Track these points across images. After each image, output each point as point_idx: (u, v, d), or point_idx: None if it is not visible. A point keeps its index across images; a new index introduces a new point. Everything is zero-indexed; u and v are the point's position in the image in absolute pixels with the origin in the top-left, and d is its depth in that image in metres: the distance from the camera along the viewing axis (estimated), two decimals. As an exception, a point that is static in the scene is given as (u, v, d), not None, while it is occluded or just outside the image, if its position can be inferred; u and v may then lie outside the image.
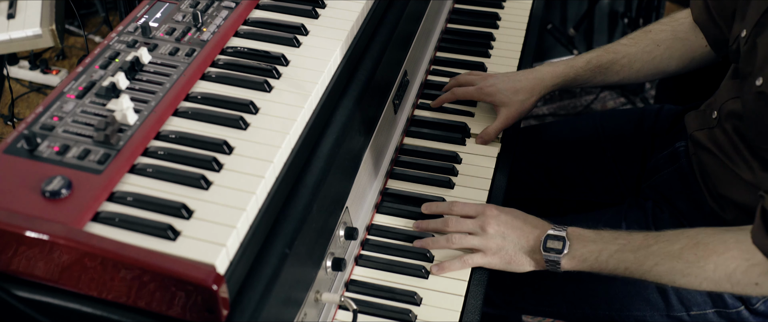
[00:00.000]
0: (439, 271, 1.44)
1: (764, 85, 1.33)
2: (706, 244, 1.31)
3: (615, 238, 1.39)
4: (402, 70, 1.64)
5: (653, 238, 1.36)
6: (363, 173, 1.46)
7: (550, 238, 1.41)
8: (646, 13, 2.99)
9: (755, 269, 1.28)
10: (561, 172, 1.84)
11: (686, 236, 1.34)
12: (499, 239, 1.44)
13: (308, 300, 1.25)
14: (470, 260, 1.44)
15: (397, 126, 1.66)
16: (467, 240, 1.45)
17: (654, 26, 1.71)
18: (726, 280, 1.30)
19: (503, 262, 1.44)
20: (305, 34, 1.42)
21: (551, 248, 1.40)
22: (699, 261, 1.31)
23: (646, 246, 1.36)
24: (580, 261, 1.40)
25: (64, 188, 1.06)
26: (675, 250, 1.33)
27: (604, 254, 1.38)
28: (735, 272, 1.29)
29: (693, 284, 1.33)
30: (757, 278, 1.29)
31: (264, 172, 1.16)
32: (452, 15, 1.99)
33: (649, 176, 1.70)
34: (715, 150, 1.51)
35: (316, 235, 1.26)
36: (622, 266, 1.37)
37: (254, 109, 1.26)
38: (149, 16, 1.38)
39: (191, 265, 1.02)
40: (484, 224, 1.45)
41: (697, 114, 1.62)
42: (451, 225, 1.47)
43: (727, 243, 1.30)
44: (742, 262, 1.29)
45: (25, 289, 1.08)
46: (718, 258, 1.30)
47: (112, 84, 1.22)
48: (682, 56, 1.67)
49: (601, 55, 1.69)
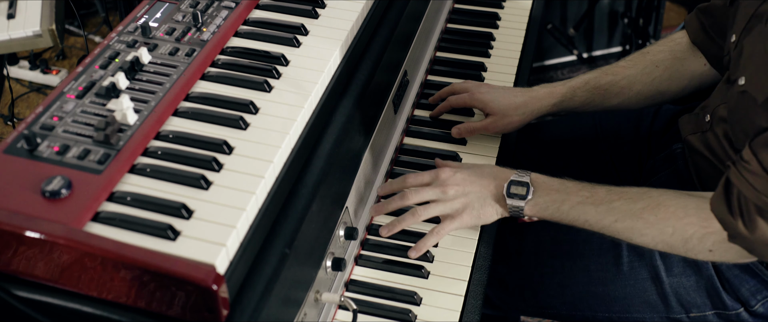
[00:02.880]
0: (416, 252, 1.44)
1: (746, 84, 1.33)
2: (668, 206, 1.34)
3: (578, 189, 1.40)
4: (402, 70, 1.64)
5: (616, 194, 1.38)
6: (363, 173, 1.46)
7: (514, 183, 1.42)
8: (646, 13, 2.99)
9: (711, 236, 1.31)
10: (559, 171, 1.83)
11: (649, 196, 1.36)
12: (462, 198, 1.43)
13: (308, 300, 1.25)
14: (442, 230, 1.44)
15: (397, 126, 1.66)
16: (432, 209, 1.44)
17: (651, 48, 1.70)
18: (681, 244, 1.34)
19: (473, 218, 1.44)
20: (305, 34, 1.42)
21: (515, 194, 1.41)
22: (658, 223, 1.34)
23: (609, 201, 1.37)
24: (541, 209, 1.41)
25: (64, 188, 1.06)
26: (636, 209, 1.35)
27: (566, 205, 1.39)
28: (692, 237, 1.32)
29: (648, 243, 1.37)
30: (712, 245, 1.32)
31: (264, 172, 1.16)
32: (452, 15, 1.99)
33: (647, 178, 1.70)
34: (709, 154, 1.51)
35: (316, 235, 1.26)
36: (582, 217, 1.39)
37: (254, 109, 1.26)
38: (149, 16, 1.38)
39: (191, 265, 1.02)
40: (443, 188, 1.44)
41: (690, 117, 1.61)
42: (412, 198, 1.45)
43: (687, 208, 1.33)
44: (699, 229, 1.31)
45: (25, 289, 1.08)
46: (677, 222, 1.33)
47: (112, 84, 1.22)
48: (681, 77, 1.66)
49: (600, 76, 1.67)
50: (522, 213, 1.42)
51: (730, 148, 1.44)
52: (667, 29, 3.20)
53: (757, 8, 1.37)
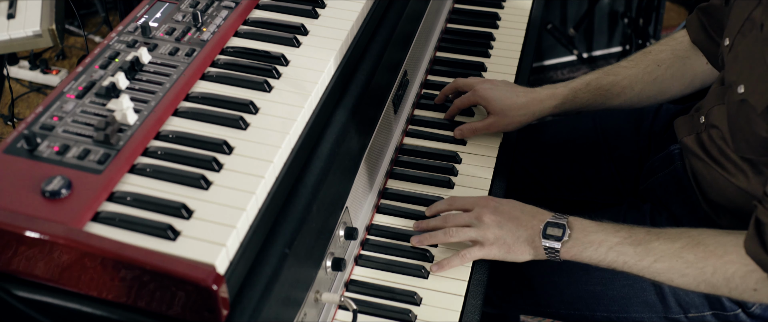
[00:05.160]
0: (439, 269, 1.44)
1: (746, 93, 1.32)
2: (707, 245, 1.30)
3: (616, 230, 1.37)
4: (402, 70, 1.64)
5: (655, 234, 1.35)
6: (363, 173, 1.46)
7: (551, 225, 1.40)
8: (646, 13, 2.99)
9: (753, 275, 1.27)
10: (560, 172, 1.84)
11: (688, 236, 1.33)
12: (495, 229, 1.42)
13: (308, 300, 1.25)
14: (469, 254, 1.43)
15: (397, 126, 1.66)
16: (464, 232, 1.44)
17: (654, 47, 1.69)
18: (724, 284, 1.30)
19: (501, 252, 1.42)
20: (305, 34, 1.42)
21: (551, 235, 1.39)
22: (698, 262, 1.30)
23: (647, 241, 1.34)
24: (579, 251, 1.38)
25: (64, 187, 1.06)
26: (675, 248, 1.32)
27: (604, 246, 1.36)
28: (733, 276, 1.28)
29: (690, 284, 1.33)
30: (755, 284, 1.28)
31: (264, 172, 1.16)
32: (452, 15, 1.99)
33: (646, 178, 1.70)
34: (704, 156, 1.50)
35: (316, 235, 1.26)
36: (622, 259, 1.35)
37: (254, 109, 1.26)
38: (149, 16, 1.38)
39: (191, 265, 1.02)
40: (480, 215, 1.44)
41: (685, 119, 1.60)
42: (449, 220, 1.47)
43: (727, 247, 1.29)
44: (741, 267, 1.28)
45: (25, 289, 1.08)
46: (717, 261, 1.29)
47: (112, 84, 1.22)
48: (684, 76, 1.65)
49: (601, 76, 1.66)
50: (558, 256, 1.39)
51: (726, 149, 1.44)
52: (667, 29, 3.20)
53: (750, 12, 1.36)
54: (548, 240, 1.39)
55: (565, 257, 1.39)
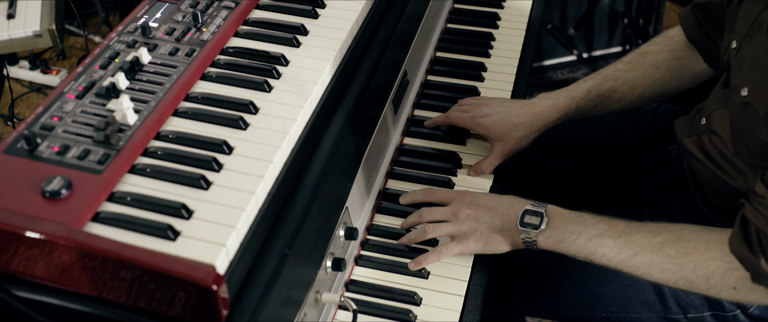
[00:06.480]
0: (415, 265, 1.43)
1: (749, 95, 1.30)
2: (689, 240, 1.29)
3: (596, 222, 1.35)
4: (402, 70, 1.64)
5: (635, 227, 1.33)
6: (363, 173, 1.46)
7: (528, 213, 1.37)
8: (646, 13, 2.99)
9: (734, 273, 1.25)
10: (558, 172, 1.84)
11: (669, 230, 1.31)
12: (471, 222, 1.40)
13: (308, 300, 1.25)
14: (446, 250, 1.42)
15: (397, 126, 1.66)
16: (440, 229, 1.42)
17: (650, 47, 1.67)
18: (703, 281, 1.28)
19: (479, 245, 1.41)
20: (305, 34, 1.42)
21: (528, 224, 1.36)
22: (679, 257, 1.28)
23: (628, 234, 1.32)
24: (557, 241, 1.35)
25: (64, 188, 1.07)
26: (656, 242, 1.30)
27: (583, 236, 1.34)
28: (714, 273, 1.26)
29: (669, 280, 1.31)
30: (735, 282, 1.26)
31: (264, 172, 1.16)
32: (452, 15, 1.99)
33: (644, 179, 1.70)
34: (704, 158, 1.49)
35: (316, 235, 1.26)
36: (600, 250, 1.33)
37: (254, 109, 1.26)
38: (149, 16, 1.38)
39: (191, 265, 1.02)
40: (456, 210, 1.42)
41: (686, 120, 1.59)
42: (424, 215, 1.45)
43: (709, 243, 1.28)
44: (722, 264, 1.26)
45: (25, 289, 1.08)
46: (698, 257, 1.27)
47: (112, 84, 1.22)
48: (682, 75, 1.64)
49: (601, 83, 1.64)
50: (535, 245, 1.37)
51: (727, 151, 1.44)
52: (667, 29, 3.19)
53: (758, 14, 1.34)
54: (526, 228, 1.36)
55: (543, 247, 1.37)
